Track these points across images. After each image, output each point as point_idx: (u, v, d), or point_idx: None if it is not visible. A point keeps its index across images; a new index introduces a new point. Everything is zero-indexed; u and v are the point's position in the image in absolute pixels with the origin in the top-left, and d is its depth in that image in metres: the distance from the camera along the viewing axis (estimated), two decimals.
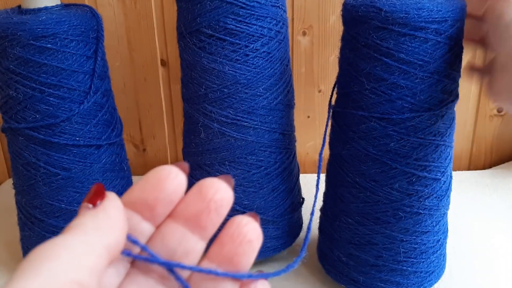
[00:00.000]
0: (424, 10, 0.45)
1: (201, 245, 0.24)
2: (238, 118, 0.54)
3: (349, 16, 0.49)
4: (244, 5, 0.51)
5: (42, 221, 0.57)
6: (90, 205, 0.22)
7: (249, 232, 0.23)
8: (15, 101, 0.53)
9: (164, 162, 0.88)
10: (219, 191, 0.24)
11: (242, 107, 0.53)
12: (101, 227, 0.21)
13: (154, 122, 0.85)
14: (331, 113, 0.54)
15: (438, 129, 0.49)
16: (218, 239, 0.24)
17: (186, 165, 0.24)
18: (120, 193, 0.59)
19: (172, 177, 0.24)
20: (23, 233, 0.60)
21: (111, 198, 0.22)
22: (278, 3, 0.53)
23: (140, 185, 0.24)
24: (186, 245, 0.24)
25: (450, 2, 0.46)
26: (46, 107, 0.53)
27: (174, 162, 0.90)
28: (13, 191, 0.60)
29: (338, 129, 0.53)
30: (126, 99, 0.83)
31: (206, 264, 0.24)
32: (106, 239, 0.21)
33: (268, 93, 0.54)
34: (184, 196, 0.24)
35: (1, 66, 0.53)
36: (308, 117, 0.83)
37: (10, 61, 0.52)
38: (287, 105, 0.57)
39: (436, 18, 0.45)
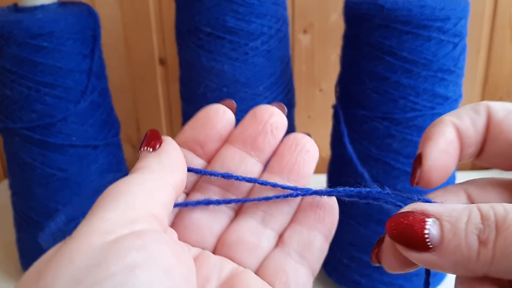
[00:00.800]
0: (427, 8, 0.44)
1: (258, 168, 0.25)
2: (237, 118, 0.53)
3: (351, 14, 0.49)
4: (243, 3, 0.50)
5: (38, 223, 0.56)
6: (150, 149, 0.23)
7: (307, 143, 0.25)
8: (11, 101, 0.52)
9: None
10: (274, 115, 0.25)
11: (241, 106, 0.52)
12: (166, 167, 0.22)
13: (152, 122, 0.84)
14: (333, 114, 0.54)
15: None
16: (277, 153, 0.25)
17: (233, 103, 0.26)
18: None
19: (220, 114, 0.25)
20: (19, 234, 0.59)
21: (169, 140, 0.24)
22: (278, 0, 0.52)
23: (191, 124, 0.26)
24: (245, 168, 0.25)
25: None
26: (42, 107, 0.52)
27: None
28: (9, 192, 0.59)
29: (340, 129, 0.52)
30: (124, 98, 0.82)
31: (266, 176, 0.25)
32: (172, 178, 0.22)
33: (268, 93, 0.53)
34: (239, 123, 0.26)
35: None
36: (309, 116, 0.82)
37: (5, 60, 0.51)
38: (288, 105, 0.56)
39: (439, 16, 0.44)
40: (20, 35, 0.50)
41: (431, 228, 0.18)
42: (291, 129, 0.58)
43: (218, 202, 0.25)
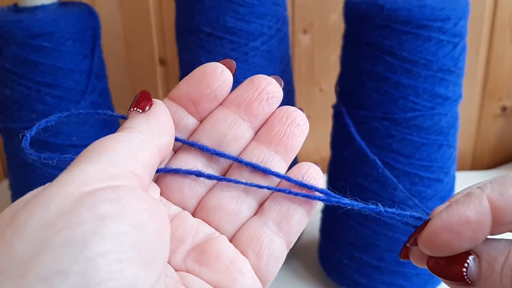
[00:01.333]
0: (427, 8, 0.44)
1: (249, 134, 0.25)
2: None
3: (351, 14, 0.49)
4: (243, 3, 0.50)
5: None
6: (140, 110, 0.23)
7: (298, 117, 0.25)
8: (11, 101, 0.52)
9: None
10: (271, 84, 0.25)
11: None
12: (153, 129, 0.22)
13: None
14: (333, 114, 0.54)
15: (441, 129, 0.48)
16: (267, 123, 0.25)
17: (232, 63, 0.25)
18: None
19: (217, 73, 0.25)
20: None
21: (159, 103, 0.23)
22: (278, 0, 0.52)
23: (186, 80, 0.25)
24: (236, 131, 0.25)
25: None
26: (43, 107, 0.52)
27: None
28: (10, 192, 0.59)
29: (340, 129, 0.52)
30: (124, 98, 0.82)
31: (253, 145, 0.25)
32: (158, 140, 0.22)
33: None
34: (236, 88, 0.25)
35: None
36: (309, 116, 0.82)
37: (6, 60, 0.51)
38: (288, 105, 0.56)
39: (439, 16, 0.44)
40: (20, 35, 0.50)
41: (471, 265, 0.19)
42: None
43: (220, 179, 0.25)
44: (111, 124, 0.58)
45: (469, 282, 0.19)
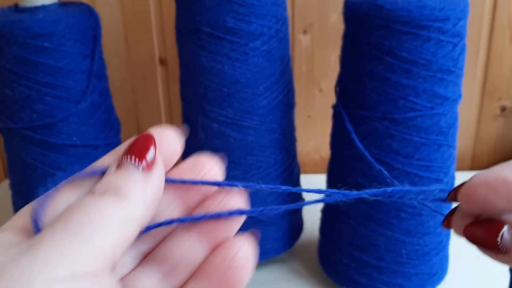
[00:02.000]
0: (427, 8, 0.44)
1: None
2: (237, 118, 0.53)
3: (351, 14, 0.49)
4: (243, 3, 0.50)
5: None
6: (139, 164, 0.20)
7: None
8: (11, 101, 0.53)
9: None
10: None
11: (241, 106, 0.53)
12: (145, 204, 0.20)
13: (152, 122, 0.85)
14: (333, 114, 0.54)
15: (441, 129, 0.48)
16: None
17: (183, 128, 0.23)
18: None
19: (166, 136, 0.22)
20: None
21: (160, 166, 0.21)
22: (278, 1, 0.53)
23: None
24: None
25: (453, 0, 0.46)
26: (43, 107, 0.52)
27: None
28: (10, 192, 0.59)
29: (339, 129, 0.52)
30: (124, 98, 0.82)
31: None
32: (144, 216, 0.20)
33: (268, 93, 0.53)
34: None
35: None
36: (309, 116, 0.82)
37: (6, 60, 0.51)
38: (288, 105, 0.56)
39: (438, 16, 0.44)
40: (21, 35, 0.50)
41: (505, 234, 0.20)
42: (291, 129, 0.58)
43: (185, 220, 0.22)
44: (111, 124, 0.58)
45: (503, 250, 0.20)
